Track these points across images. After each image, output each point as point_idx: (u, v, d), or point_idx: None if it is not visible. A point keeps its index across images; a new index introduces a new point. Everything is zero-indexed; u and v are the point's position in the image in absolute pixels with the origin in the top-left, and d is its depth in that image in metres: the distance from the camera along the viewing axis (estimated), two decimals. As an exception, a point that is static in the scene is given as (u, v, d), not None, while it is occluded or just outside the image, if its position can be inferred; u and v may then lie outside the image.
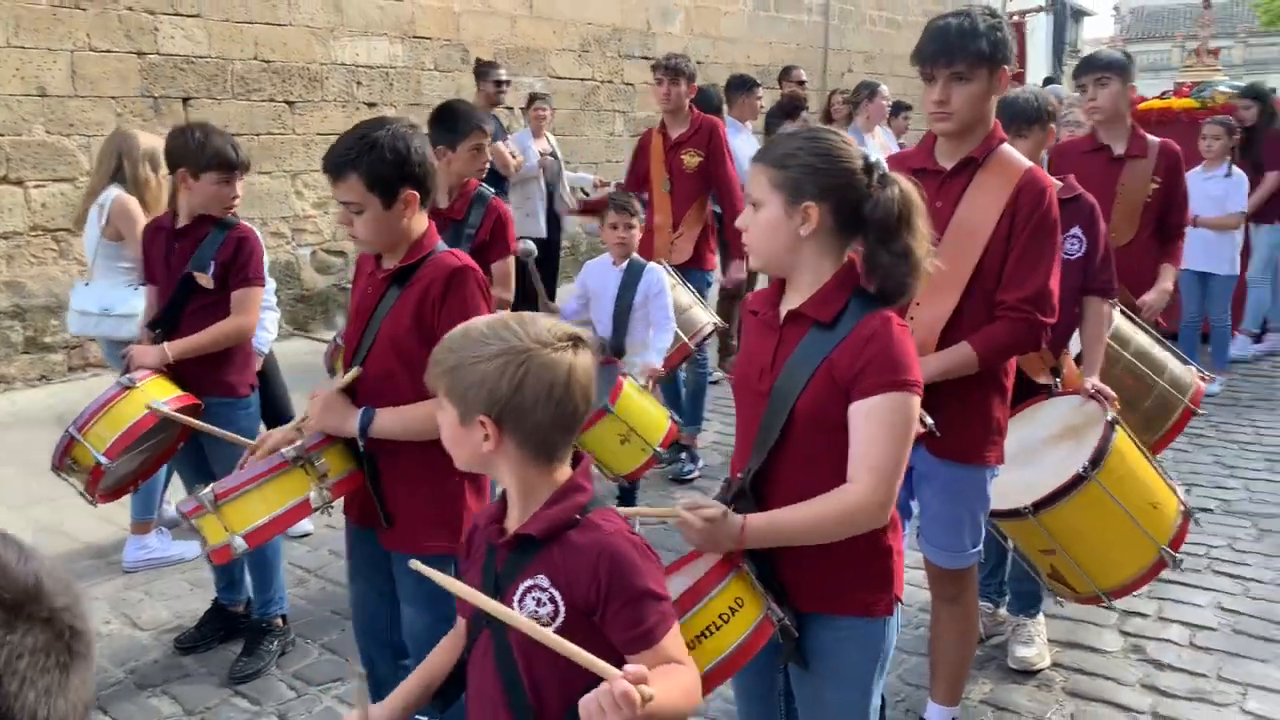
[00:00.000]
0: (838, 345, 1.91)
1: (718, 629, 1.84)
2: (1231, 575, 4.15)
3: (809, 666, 2.05)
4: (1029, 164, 2.70)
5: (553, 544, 1.63)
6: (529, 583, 1.63)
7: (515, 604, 1.63)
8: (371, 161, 2.40)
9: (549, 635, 1.48)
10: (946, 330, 2.64)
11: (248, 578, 3.77)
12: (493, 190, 3.92)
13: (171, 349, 3.34)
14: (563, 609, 1.60)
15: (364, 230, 2.47)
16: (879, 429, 1.87)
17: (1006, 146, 2.73)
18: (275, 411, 4.35)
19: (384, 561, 2.68)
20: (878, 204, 1.91)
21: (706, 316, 5.02)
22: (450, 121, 3.76)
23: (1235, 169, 6.66)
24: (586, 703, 1.39)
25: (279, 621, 3.69)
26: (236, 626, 3.76)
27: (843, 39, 15.49)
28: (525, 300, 4.74)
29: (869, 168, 1.95)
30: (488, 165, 3.99)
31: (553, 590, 1.61)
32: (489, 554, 1.72)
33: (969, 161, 2.69)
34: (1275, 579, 4.11)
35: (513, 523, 1.70)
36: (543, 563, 1.63)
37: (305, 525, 4.40)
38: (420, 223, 2.54)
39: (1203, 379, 3.81)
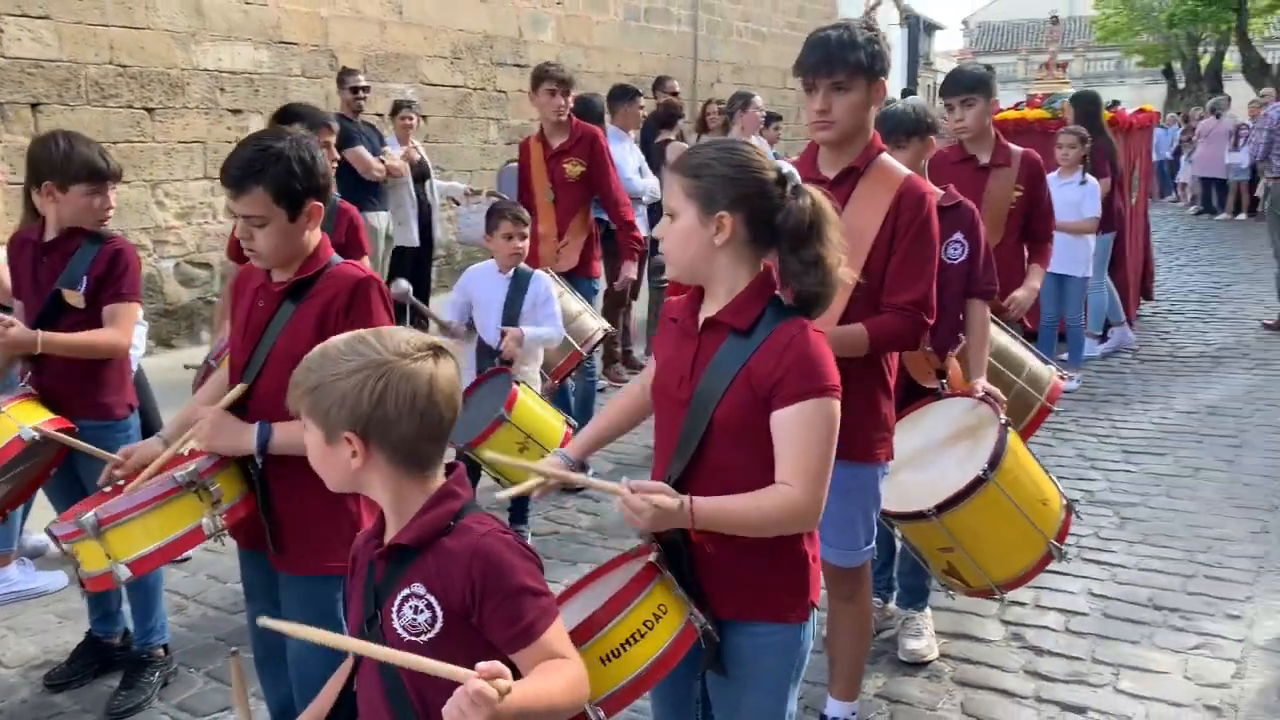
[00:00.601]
0: (755, 352, 1.93)
1: (642, 636, 1.84)
2: (1099, 562, 4.37)
3: (727, 673, 2.06)
4: (908, 172, 2.79)
5: (427, 551, 1.64)
6: (406, 592, 1.64)
7: (394, 614, 1.64)
8: (277, 173, 2.32)
9: (396, 654, 1.50)
10: None
11: (125, 607, 3.58)
12: (338, 195, 3.93)
13: (44, 337, 3.10)
14: (440, 615, 1.62)
15: (266, 243, 2.37)
16: (804, 435, 1.90)
17: (886, 156, 2.82)
18: (148, 432, 4.15)
19: (277, 581, 2.59)
20: (789, 213, 1.95)
21: (596, 323, 5.05)
22: (294, 121, 3.75)
23: (1089, 176, 7.01)
24: (448, 710, 1.41)
25: (160, 652, 3.51)
26: (112, 659, 3.57)
27: (712, 50, 15.76)
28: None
29: (782, 179, 1.98)
30: (335, 165, 4.04)
31: (429, 597, 1.63)
32: (370, 569, 1.73)
33: (851, 170, 2.76)
34: (1138, 564, 4.34)
35: (390, 536, 1.70)
36: (418, 571, 1.64)
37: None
38: (315, 234, 2.47)
39: (1062, 377, 4.00)
